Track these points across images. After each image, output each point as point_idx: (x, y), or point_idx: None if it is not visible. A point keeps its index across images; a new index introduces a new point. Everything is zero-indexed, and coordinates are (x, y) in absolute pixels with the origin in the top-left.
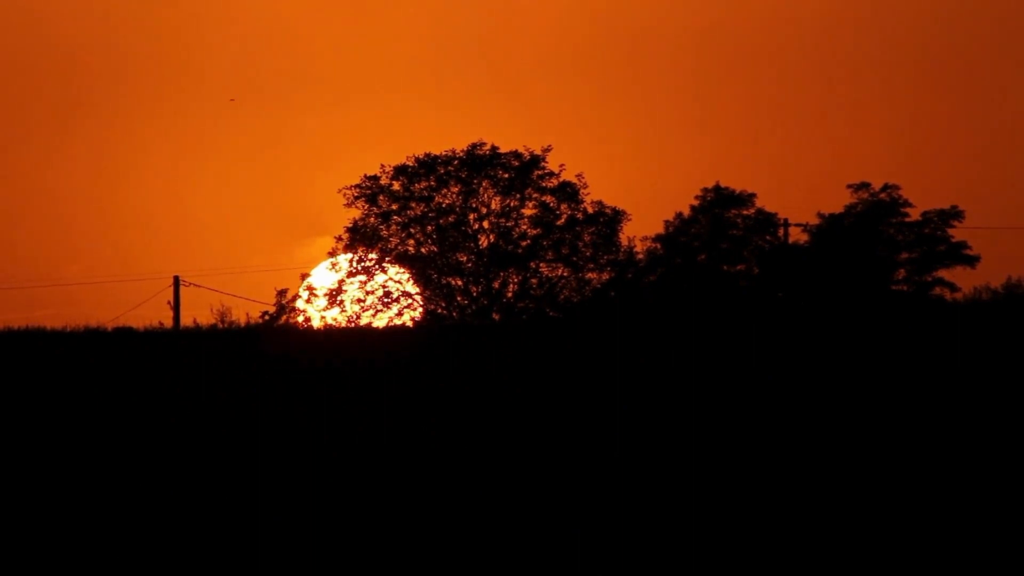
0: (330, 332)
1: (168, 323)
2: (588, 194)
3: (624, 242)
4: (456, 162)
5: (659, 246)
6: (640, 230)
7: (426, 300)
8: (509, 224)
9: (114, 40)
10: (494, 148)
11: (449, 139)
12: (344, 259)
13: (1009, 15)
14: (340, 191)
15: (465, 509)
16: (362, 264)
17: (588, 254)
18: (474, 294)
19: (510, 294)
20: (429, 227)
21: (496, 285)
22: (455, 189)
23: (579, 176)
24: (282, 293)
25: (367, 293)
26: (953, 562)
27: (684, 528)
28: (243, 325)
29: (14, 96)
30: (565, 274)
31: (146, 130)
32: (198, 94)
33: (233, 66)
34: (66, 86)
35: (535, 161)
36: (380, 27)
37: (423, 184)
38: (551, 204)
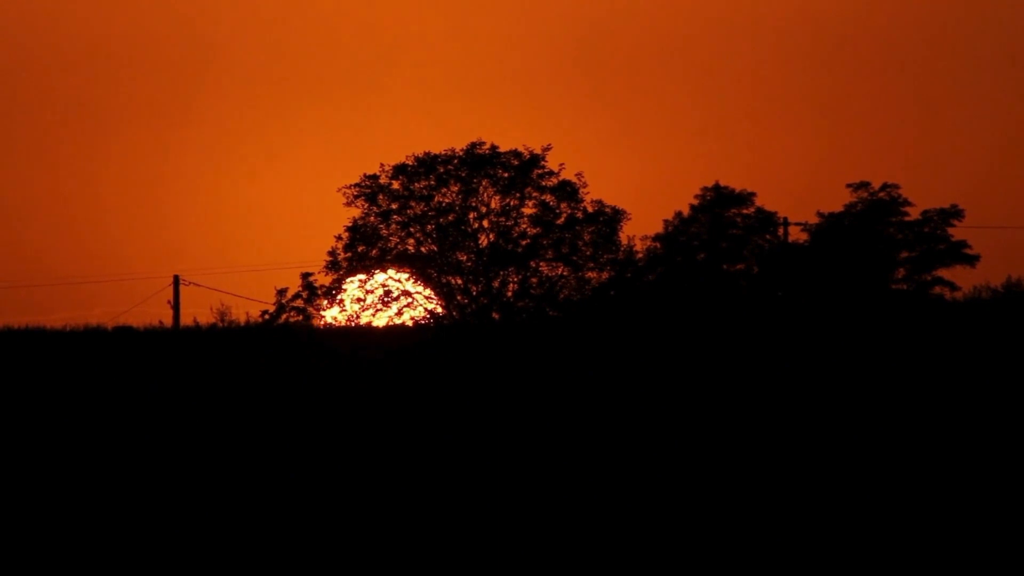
0: (330, 332)
1: (168, 322)
2: (588, 193)
3: (624, 241)
4: (456, 161)
5: (659, 245)
6: (640, 229)
7: (435, 297)
8: (509, 223)
9: (106, 42)
10: (494, 147)
11: (449, 138)
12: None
13: (1009, 15)
14: (340, 190)
15: (465, 508)
16: (362, 263)
17: (588, 253)
18: (474, 293)
19: (510, 293)
20: (429, 226)
21: (496, 284)
22: (455, 188)
23: (579, 175)
24: (282, 293)
25: (367, 292)
26: (953, 558)
27: (684, 527)
28: (243, 325)
29: (10, 98)
30: (565, 273)
31: (145, 131)
32: (196, 95)
33: (232, 67)
34: (62, 88)
35: (535, 160)
36: (379, 27)
37: (423, 183)
38: (551, 203)
